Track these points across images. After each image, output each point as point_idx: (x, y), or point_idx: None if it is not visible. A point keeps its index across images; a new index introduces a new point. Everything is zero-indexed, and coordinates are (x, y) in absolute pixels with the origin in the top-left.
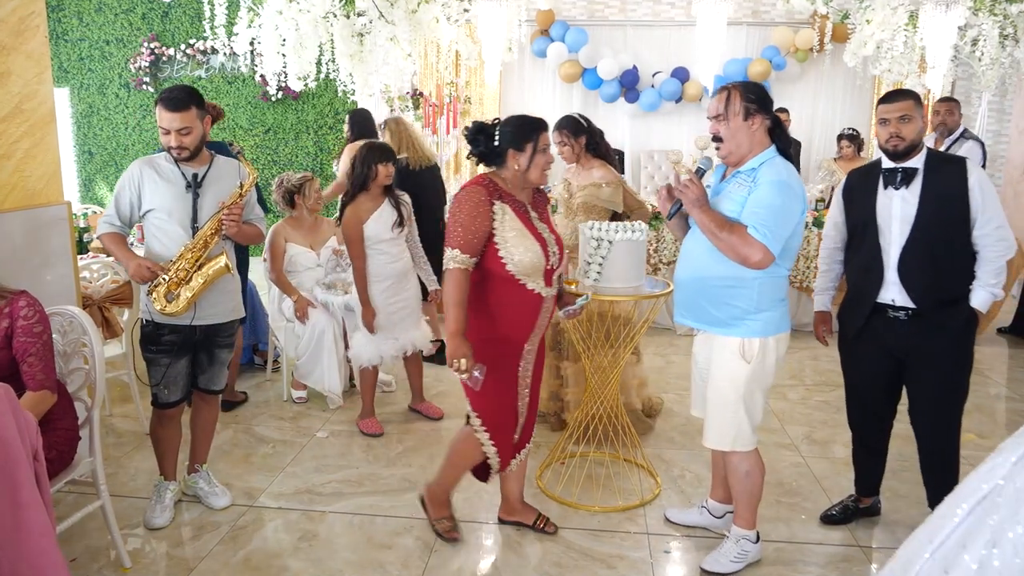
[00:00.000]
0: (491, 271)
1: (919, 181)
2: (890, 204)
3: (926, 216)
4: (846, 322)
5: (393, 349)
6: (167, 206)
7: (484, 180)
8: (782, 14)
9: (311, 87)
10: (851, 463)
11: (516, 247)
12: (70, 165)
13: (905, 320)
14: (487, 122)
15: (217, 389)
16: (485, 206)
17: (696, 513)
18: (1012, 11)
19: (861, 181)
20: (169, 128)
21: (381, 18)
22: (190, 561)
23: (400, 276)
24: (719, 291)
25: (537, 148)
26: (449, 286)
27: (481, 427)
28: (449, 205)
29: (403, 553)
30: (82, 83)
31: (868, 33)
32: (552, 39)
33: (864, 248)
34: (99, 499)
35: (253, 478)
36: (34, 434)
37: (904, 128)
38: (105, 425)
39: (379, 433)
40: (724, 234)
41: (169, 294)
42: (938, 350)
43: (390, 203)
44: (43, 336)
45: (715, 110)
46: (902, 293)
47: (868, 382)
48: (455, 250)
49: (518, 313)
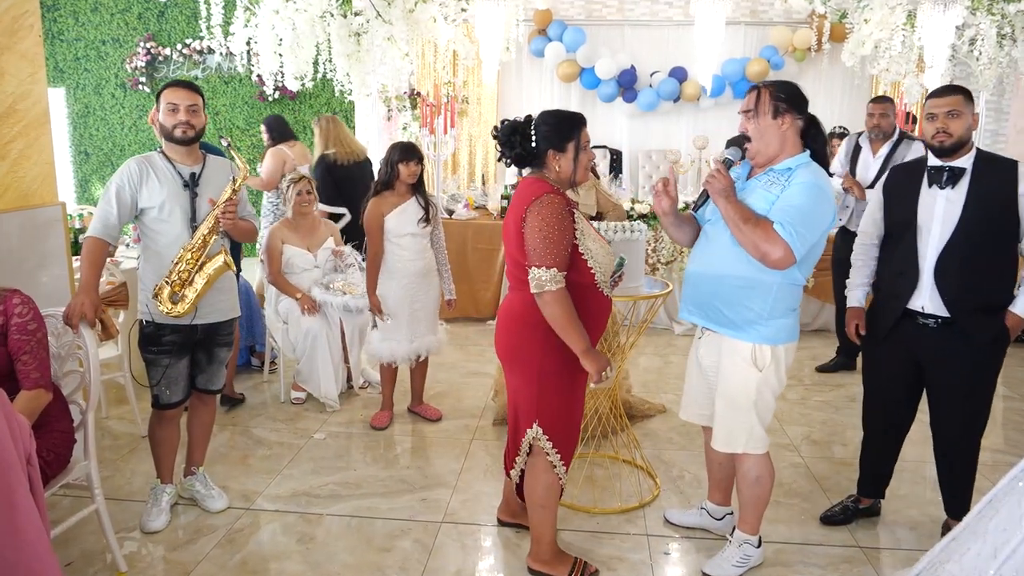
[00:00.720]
0: (576, 283)
1: (966, 181)
2: (933, 204)
3: (970, 219)
4: (873, 325)
5: (407, 351)
6: (167, 205)
7: (552, 188)
8: (780, 14)
9: (308, 87)
10: (851, 463)
11: (599, 253)
12: (66, 166)
13: (934, 328)
14: (519, 120)
15: (215, 389)
16: (569, 218)
17: (696, 514)
18: (1010, 10)
19: (905, 178)
20: (179, 104)
21: (378, 18)
22: (186, 565)
23: (419, 276)
24: (735, 291)
25: (580, 146)
26: (558, 308)
27: (548, 442)
28: (530, 219)
29: (401, 555)
30: (78, 83)
31: (866, 32)
32: (550, 39)
33: (900, 250)
34: (94, 503)
35: (250, 480)
36: (28, 437)
37: (952, 124)
38: (101, 427)
39: (382, 427)
40: (748, 227)
41: (174, 296)
42: (964, 361)
43: (417, 201)
44: (37, 334)
45: (745, 106)
46: (934, 300)
47: (889, 386)
48: (552, 269)
49: (596, 319)
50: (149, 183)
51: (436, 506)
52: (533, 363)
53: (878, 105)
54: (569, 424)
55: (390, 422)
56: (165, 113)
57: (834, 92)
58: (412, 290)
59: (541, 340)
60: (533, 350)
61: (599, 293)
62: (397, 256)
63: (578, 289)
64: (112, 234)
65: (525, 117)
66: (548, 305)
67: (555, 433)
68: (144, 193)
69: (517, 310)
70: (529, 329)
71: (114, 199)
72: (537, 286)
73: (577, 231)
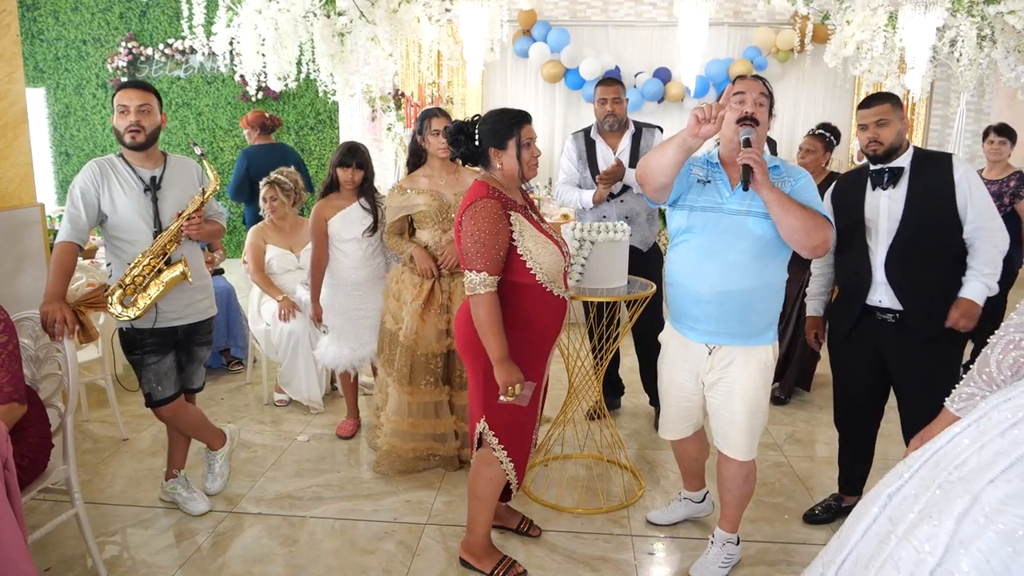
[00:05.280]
0: (517, 283)
1: (905, 180)
2: (878, 204)
3: (912, 214)
4: (836, 324)
5: (352, 358)
6: (127, 211)
7: (489, 191)
8: (763, 15)
9: (291, 87)
10: (833, 462)
11: (540, 254)
12: (47, 166)
13: (893, 322)
14: (467, 120)
15: (196, 388)
16: (503, 220)
17: (678, 506)
18: (990, 12)
19: (850, 184)
20: (129, 105)
21: (362, 18)
22: (168, 569)
23: (363, 285)
24: (765, 299)
25: (520, 144)
26: (482, 312)
27: (499, 445)
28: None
29: (385, 558)
30: (58, 83)
31: (848, 34)
32: (534, 39)
33: (853, 249)
34: (74, 507)
35: (233, 483)
36: (4, 442)
37: (882, 132)
38: (81, 431)
39: (347, 436)
40: (802, 212)
41: (125, 299)
42: (923, 354)
43: (361, 206)
44: (8, 346)
45: (759, 96)
46: (889, 294)
47: (856, 382)
48: (481, 273)
49: (546, 321)
50: (111, 187)
51: (420, 508)
52: (481, 362)
53: (608, 89)
54: (518, 424)
55: (356, 430)
56: (117, 116)
57: (817, 93)
58: (355, 298)
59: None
60: (481, 349)
61: (547, 293)
62: (339, 262)
63: (521, 289)
64: (83, 237)
65: (473, 116)
66: (475, 307)
67: (502, 431)
68: (105, 198)
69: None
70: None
71: (80, 202)
72: (470, 288)
73: (514, 232)
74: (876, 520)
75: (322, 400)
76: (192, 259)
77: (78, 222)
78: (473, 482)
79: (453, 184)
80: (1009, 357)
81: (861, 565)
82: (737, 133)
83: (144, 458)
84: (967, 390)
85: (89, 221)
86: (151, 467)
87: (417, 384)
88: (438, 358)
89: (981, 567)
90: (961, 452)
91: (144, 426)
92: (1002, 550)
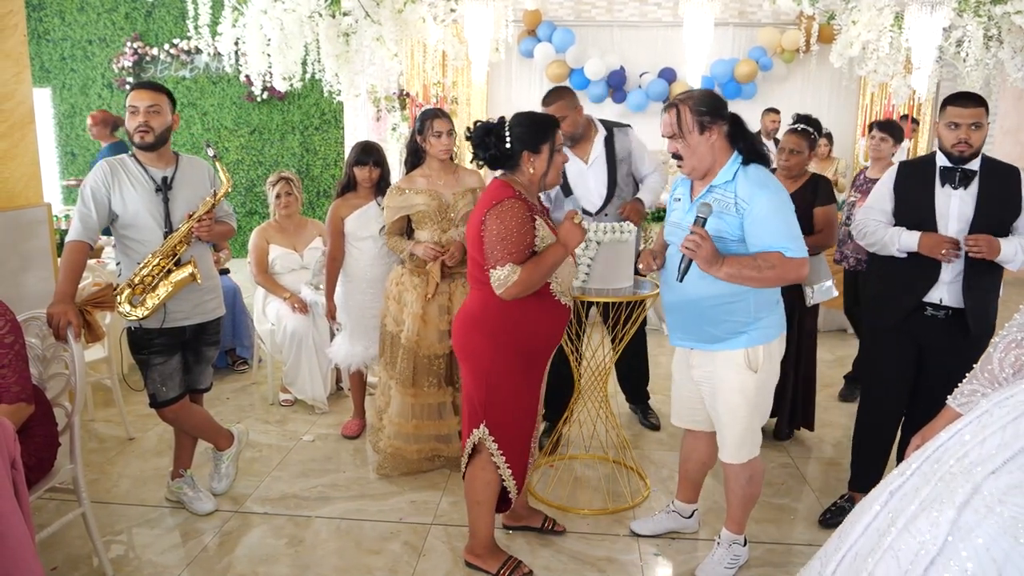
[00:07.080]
0: None
1: (976, 183)
2: (948, 202)
3: (983, 217)
4: (881, 315)
5: (365, 355)
6: (138, 211)
7: (514, 192)
8: (768, 15)
9: (297, 87)
10: (840, 463)
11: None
12: (52, 166)
13: (942, 319)
14: (492, 121)
15: (203, 388)
16: (530, 223)
17: (664, 518)
18: (996, 12)
19: (915, 176)
20: (139, 106)
21: (367, 18)
22: (174, 568)
23: (378, 281)
24: (715, 310)
25: (554, 148)
26: (528, 283)
27: (494, 443)
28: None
29: (391, 558)
30: (64, 83)
31: (854, 34)
32: (539, 39)
33: None
34: (80, 506)
35: (239, 483)
36: (12, 442)
37: (974, 135)
38: (87, 430)
39: (352, 436)
40: (767, 272)
41: (133, 298)
42: (966, 350)
43: (379, 204)
44: (15, 346)
45: (669, 130)
46: (951, 292)
47: (894, 376)
48: (507, 266)
49: (551, 329)
50: (121, 187)
51: (425, 508)
52: (483, 364)
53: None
54: (518, 428)
55: (362, 430)
56: (127, 117)
57: (822, 93)
58: (369, 296)
59: (492, 342)
60: (484, 351)
61: (555, 301)
62: (355, 260)
63: (532, 297)
64: (93, 236)
65: (499, 119)
66: (516, 291)
67: (501, 435)
68: (116, 198)
69: (473, 311)
70: (480, 331)
71: (91, 200)
72: (499, 285)
73: (537, 237)
74: (877, 517)
75: (326, 400)
76: (202, 260)
77: (88, 221)
78: (470, 487)
79: (452, 184)
80: (1011, 356)
81: (860, 559)
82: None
83: (150, 458)
84: (970, 387)
85: (100, 220)
86: (157, 467)
87: (420, 386)
88: (440, 359)
89: (981, 556)
90: (963, 446)
91: (150, 426)
92: (1003, 539)
